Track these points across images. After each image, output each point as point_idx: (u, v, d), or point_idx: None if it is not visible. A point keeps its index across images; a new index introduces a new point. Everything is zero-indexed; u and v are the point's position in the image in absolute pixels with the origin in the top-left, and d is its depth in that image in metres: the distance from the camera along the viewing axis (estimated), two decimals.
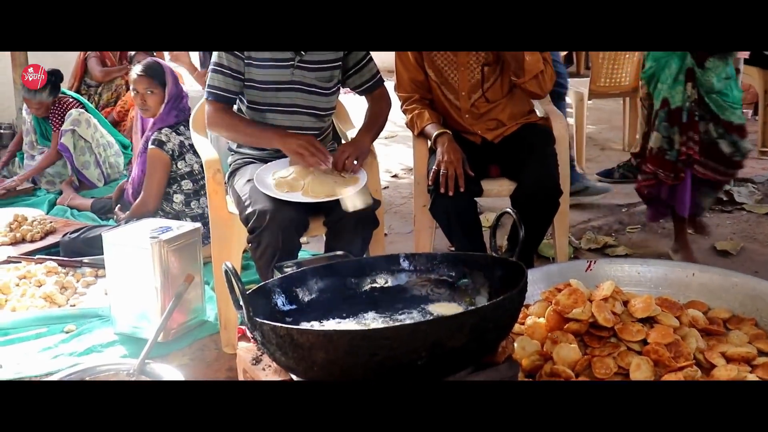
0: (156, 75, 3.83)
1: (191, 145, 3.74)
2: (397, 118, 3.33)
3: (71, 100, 5.20)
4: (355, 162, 2.85)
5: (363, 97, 3.15)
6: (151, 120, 3.89)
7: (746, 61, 4.82)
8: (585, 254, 3.86)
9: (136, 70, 3.87)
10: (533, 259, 3.38)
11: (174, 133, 3.77)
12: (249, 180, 2.83)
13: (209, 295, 3.35)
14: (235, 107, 3.04)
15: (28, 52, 5.75)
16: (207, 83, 2.96)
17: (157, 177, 3.76)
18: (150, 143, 3.77)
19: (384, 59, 8.98)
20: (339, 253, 2.45)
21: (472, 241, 3.15)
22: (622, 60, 5.31)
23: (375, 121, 3.06)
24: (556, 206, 3.10)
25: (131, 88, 3.91)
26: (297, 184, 2.76)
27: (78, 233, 3.92)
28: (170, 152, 3.75)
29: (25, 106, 5.29)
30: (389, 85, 3.20)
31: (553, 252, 3.56)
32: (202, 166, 3.73)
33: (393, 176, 5.35)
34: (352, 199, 2.69)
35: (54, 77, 5.15)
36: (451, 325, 1.76)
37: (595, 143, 5.91)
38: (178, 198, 3.81)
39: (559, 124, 3.38)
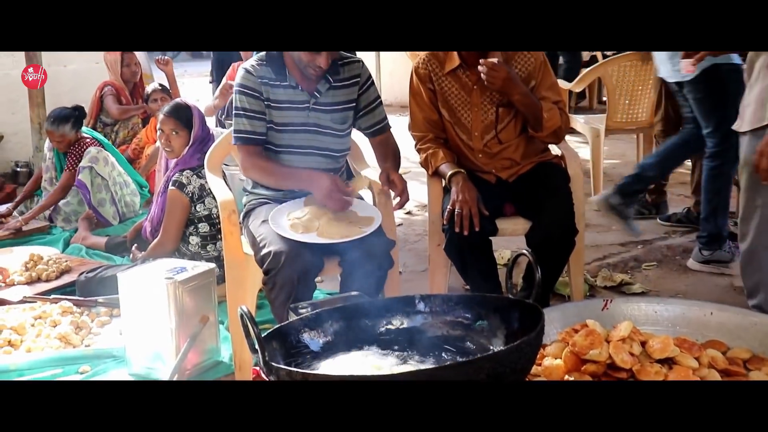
0: (182, 116, 3.86)
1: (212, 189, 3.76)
2: (410, 154, 3.34)
3: (90, 139, 5.25)
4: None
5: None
6: (174, 160, 3.92)
7: None
8: (601, 292, 3.83)
9: (163, 110, 3.91)
10: (549, 298, 3.36)
11: (195, 176, 3.79)
12: (264, 221, 2.84)
13: (224, 335, 3.34)
14: None
15: (46, 88, 5.80)
16: (233, 128, 2.98)
17: (176, 218, 3.78)
18: (171, 184, 3.79)
19: (398, 95, 9.10)
20: (354, 293, 2.44)
21: (487, 280, 3.14)
22: (639, 95, 5.32)
23: (393, 159, 3.07)
24: (572, 246, 3.09)
25: (157, 127, 3.94)
26: (312, 225, 2.76)
27: (94, 273, 3.93)
28: (190, 195, 3.77)
29: (47, 142, 5.33)
30: (402, 122, 3.21)
31: (568, 290, 3.54)
32: None
33: (407, 213, 5.35)
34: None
35: (78, 112, 5.22)
36: (468, 370, 1.74)
37: (610, 179, 5.87)
38: (194, 240, 3.83)
39: (574, 162, 3.38)
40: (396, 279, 3.08)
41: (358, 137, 3.31)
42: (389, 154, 3.07)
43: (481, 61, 3.08)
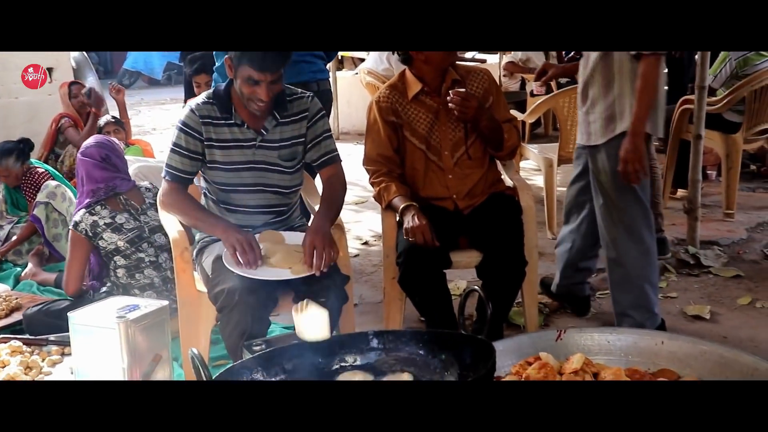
0: None
1: (107, 224, 3.71)
2: (367, 183, 3.36)
3: (43, 171, 5.18)
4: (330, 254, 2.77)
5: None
6: None
7: (707, 125, 4.90)
8: (555, 321, 3.87)
9: None
10: (503, 328, 3.38)
11: (87, 214, 3.74)
12: (218, 257, 2.82)
13: (178, 372, 3.30)
14: (203, 185, 3.04)
15: None
16: (165, 162, 2.97)
17: (73, 258, 3.76)
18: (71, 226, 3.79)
19: (355, 123, 9.14)
20: None
21: (442, 312, 3.16)
22: None
23: (332, 205, 2.97)
24: (522, 277, 3.12)
25: None
26: (266, 262, 2.75)
27: (40, 307, 3.86)
28: (83, 232, 3.71)
29: None
30: (360, 150, 3.20)
31: (523, 320, 3.56)
32: (128, 242, 3.68)
33: (363, 243, 5.35)
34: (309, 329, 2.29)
35: (22, 145, 5.14)
36: None
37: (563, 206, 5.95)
38: (120, 272, 3.75)
39: (526, 193, 3.42)
40: (351, 313, 3.08)
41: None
42: (332, 197, 2.98)
43: (451, 92, 3.13)
